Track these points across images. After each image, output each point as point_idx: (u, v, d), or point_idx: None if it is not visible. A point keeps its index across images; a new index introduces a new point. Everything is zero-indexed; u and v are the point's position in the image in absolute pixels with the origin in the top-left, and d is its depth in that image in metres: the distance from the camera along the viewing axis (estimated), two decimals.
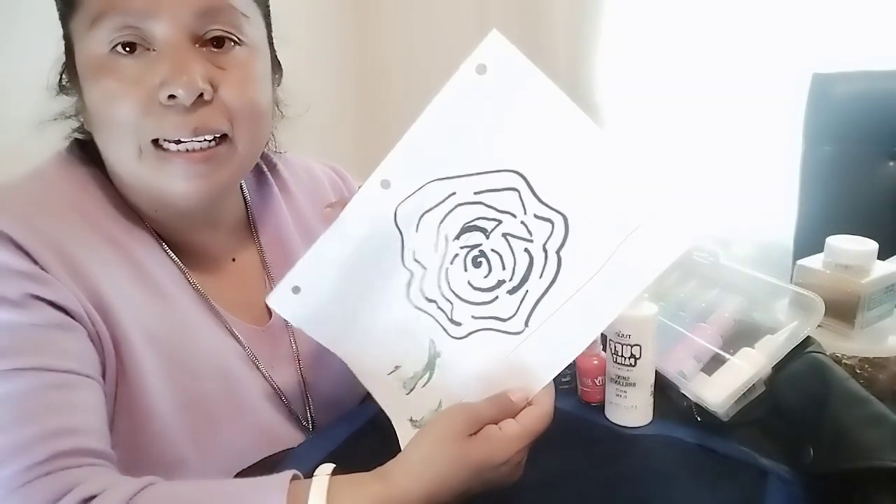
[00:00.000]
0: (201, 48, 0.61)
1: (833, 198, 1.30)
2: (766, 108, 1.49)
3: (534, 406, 0.56)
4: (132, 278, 0.63)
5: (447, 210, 0.59)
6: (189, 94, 0.59)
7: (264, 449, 0.67)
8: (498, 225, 0.58)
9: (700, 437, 0.65)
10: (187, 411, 0.64)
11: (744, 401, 0.66)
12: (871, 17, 1.36)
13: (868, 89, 1.28)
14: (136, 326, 0.61)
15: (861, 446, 0.56)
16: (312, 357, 0.75)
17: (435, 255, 0.61)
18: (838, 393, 0.61)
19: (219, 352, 0.68)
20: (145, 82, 0.59)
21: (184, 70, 0.59)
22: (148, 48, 0.60)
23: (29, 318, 0.55)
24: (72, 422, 0.53)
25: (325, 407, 0.75)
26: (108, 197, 0.66)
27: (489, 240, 0.58)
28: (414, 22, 1.92)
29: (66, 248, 0.59)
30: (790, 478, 0.60)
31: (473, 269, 0.59)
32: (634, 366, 0.66)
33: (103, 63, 0.60)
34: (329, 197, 0.85)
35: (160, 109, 0.59)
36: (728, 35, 1.50)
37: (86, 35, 0.60)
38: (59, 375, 0.54)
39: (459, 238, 0.60)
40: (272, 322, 0.74)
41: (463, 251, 0.60)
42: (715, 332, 0.71)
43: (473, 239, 0.59)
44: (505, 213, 0.58)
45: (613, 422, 0.69)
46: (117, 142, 0.61)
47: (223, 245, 0.74)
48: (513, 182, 0.57)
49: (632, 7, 1.61)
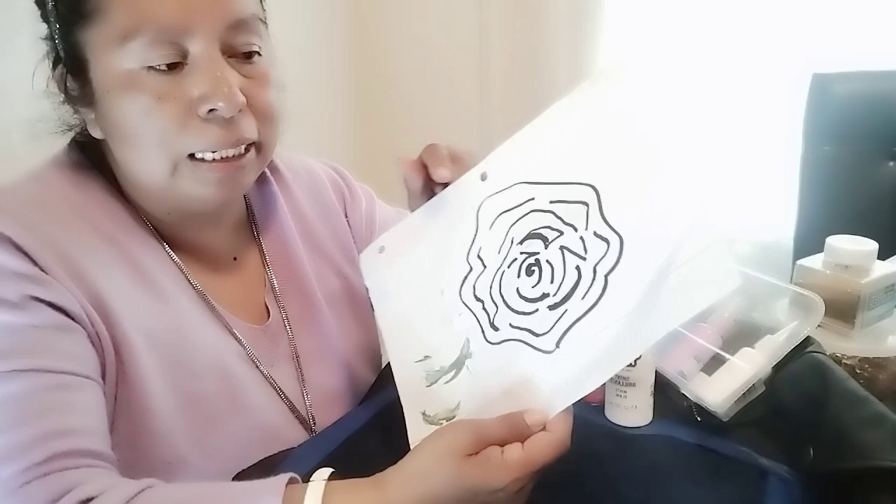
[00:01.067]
0: (230, 59, 0.62)
1: (833, 198, 1.30)
2: (765, 107, 1.49)
3: (545, 433, 0.52)
4: (131, 279, 0.63)
5: (522, 214, 0.60)
6: (231, 107, 0.60)
7: (265, 447, 0.67)
8: (559, 236, 0.57)
9: (700, 437, 0.65)
10: (187, 410, 0.64)
11: (744, 401, 0.66)
12: (871, 17, 1.36)
13: (868, 89, 1.28)
14: (135, 327, 0.62)
15: (861, 446, 0.56)
16: (310, 355, 0.76)
17: (497, 256, 0.61)
18: (838, 393, 0.61)
19: (218, 351, 0.68)
20: (180, 97, 0.59)
21: (224, 83, 0.59)
22: (181, 63, 0.60)
23: (28, 320, 0.55)
24: (71, 423, 0.53)
25: (325, 405, 0.75)
26: (110, 199, 0.66)
27: (547, 250, 0.58)
28: (413, 22, 1.92)
29: (67, 250, 0.59)
30: (790, 478, 0.60)
31: (526, 276, 0.58)
32: (634, 366, 0.66)
33: (134, 78, 0.59)
34: (330, 196, 0.85)
35: (199, 123, 0.60)
36: (728, 35, 1.50)
37: (113, 50, 0.59)
38: (58, 377, 0.54)
39: (523, 243, 0.59)
40: (271, 321, 0.74)
41: (521, 257, 0.59)
42: (715, 332, 0.71)
43: (534, 246, 0.58)
44: (569, 225, 0.57)
45: (613, 422, 0.69)
46: (147, 156, 0.61)
47: (225, 244, 0.74)
48: (586, 196, 0.57)
49: (632, 7, 1.61)
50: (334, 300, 0.80)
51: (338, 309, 0.80)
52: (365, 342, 0.83)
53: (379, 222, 0.88)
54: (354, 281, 0.83)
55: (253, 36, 0.63)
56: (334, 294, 0.80)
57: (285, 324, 0.75)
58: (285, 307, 0.75)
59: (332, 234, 0.83)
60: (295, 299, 0.76)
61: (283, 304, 0.75)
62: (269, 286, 0.76)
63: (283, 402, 0.72)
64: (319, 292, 0.78)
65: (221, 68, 0.60)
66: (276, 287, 0.76)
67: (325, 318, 0.78)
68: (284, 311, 0.75)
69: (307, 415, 0.74)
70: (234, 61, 0.62)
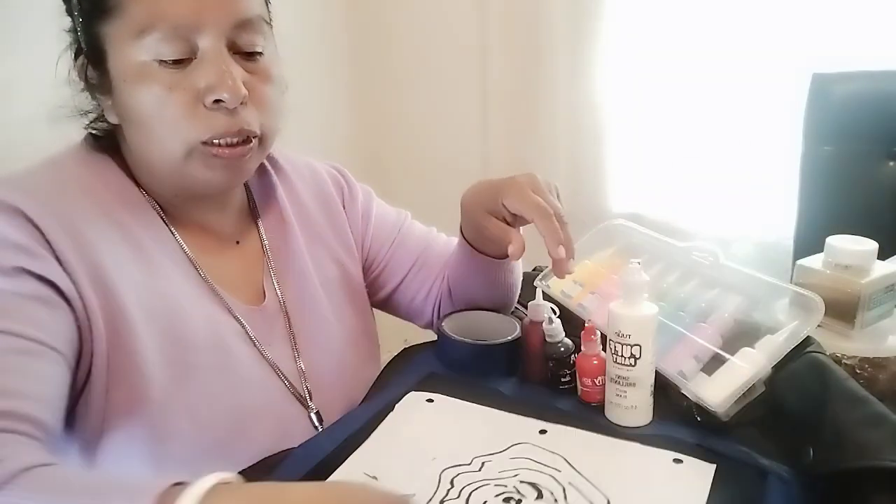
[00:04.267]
0: (235, 55, 0.67)
1: (833, 198, 1.30)
2: (766, 108, 1.49)
3: None
4: (133, 256, 0.68)
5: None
6: (234, 98, 0.65)
7: (260, 423, 0.71)
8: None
9: (700, 437, 0.65)
10: (182, 382, 0.67)
11: (744, 401, 0.66)
12: (871, 17, 1.36)
13: (868, 89, 1.28)
14: (133, 299, 0.65)
15: (861, 446, 0.56)
16: (307, 337, 0.78)
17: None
18: (838, 393, 0.61)
19: (215, 327, 0.70)
20: (189, 87, 0.65)
21: (228, 76, 0.65)
22: (190, 56, 0.65)
23: (13, 287, 0.58)
24: (21, 386, 0.55)
25: (321, 385, 0.77)
26: (121, 181, 0.71)
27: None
28: (414, 22, 1.93)
29: (74, 224, 0.64)
30: (790, 478, 0.60)
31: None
32: (634, 366, 0.66)
33: (148, 69, 0.64)
34: (329, 189, 0.88)
35: (205, 112, 0.65)
36: (728, 35, 1.50)
37: (130, 43, 0.64)
38: (24, 342, 0.57)
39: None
40: (267, 302, 0.77)
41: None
42: (715, 332, 0.71)
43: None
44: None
45: (613, 422, 0.69)
46: (163, 141, 0.66)
47: (229, 227, 0.78)
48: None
49: (632, 7, 1.61)
50: (331, 286, 0.83)
51: (334, 294, 0.83)
52: (362, 328, 0.86)
53: (375, 218, 0.91)
54: (351, 269, 0.86)
55: (257, 36, 0.68)
56: (331, 280, 0.83)
57: (282, 306, 0.78)
58: (283, 290, 0.78)
59: (331, 224, 0.86)
60: (292, 283, 0.79)
61: (281, 287, 0.78)
62: (268, 269, 0.79)
63: (280, 380, 0.74)
64: (316, 277, 0.81)
65: (227, 63, 0.65)
66: (273, 270, 0.79)
67: (321, 303, 0.81)
68: (282, 293, 0.78)
69: (304, 392, 0.76)
70: (238, 58, 0.67)
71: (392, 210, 0.94)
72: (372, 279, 0.91)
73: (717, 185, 1.60)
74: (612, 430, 0.67)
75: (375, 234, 0.90)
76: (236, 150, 0.67)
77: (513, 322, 0.82)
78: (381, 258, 0.90)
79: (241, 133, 0.67)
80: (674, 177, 1.65)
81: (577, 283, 0.87)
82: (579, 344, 0.72)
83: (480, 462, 0.61)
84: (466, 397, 0.72)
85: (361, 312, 0.87)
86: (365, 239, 0.89)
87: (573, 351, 0.74)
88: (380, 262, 0.90)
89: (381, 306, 0.94)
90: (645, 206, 1.70)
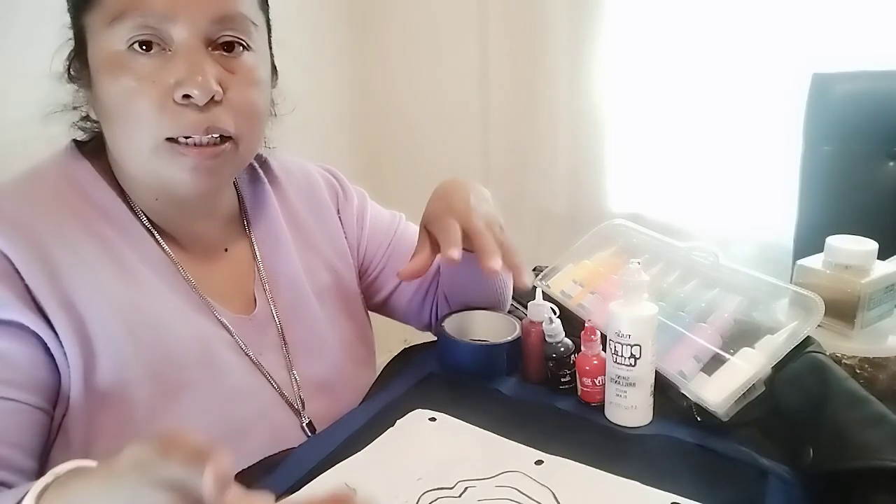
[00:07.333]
0: (213, 51, 0.65)
1: (833, 198, 1.30)
2: (766, 108, 1.49)
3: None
4: (116, 274, 0.66)
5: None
6: (203, 94, 0.62)
7: (253, 431, 0.69)
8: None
9: (700, 437, 0.65)
10: (173, 398, 0.65)
11: (744, 401, 0.66)
12: (871, 17, 1.36)
13: (868, 89, 1.28)
14: (114, 321, 0.63)
15: (861, 446, 0.56)
16: (299, 346, 0.77)
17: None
18: (838, 393, 0.61)
19: (202, 338, 0.69)
20: (160, 81, 0.62)
21: (199, 72, 0.62)
22: (164, 48, 0.63)
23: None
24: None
25: (314, 393, 0.76)
26: (103, 191, 0.68)
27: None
28: (413, 23, 1.93)
29: (49, 250, 0.62)
30: (790, 478, 0.60)
31: None
32: (634, 366, 0.66)
33: (120, 59, 0.62)
34: (323, 194, 0.87)
35: (174, 107, 0.62)
36: (728, 35, 1.50)
37: (104, 31, 0.62)
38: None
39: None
40: (257, 311, 0.75)
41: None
42: (715, 332, 0.71)
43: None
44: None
45: (613, 422, 0.69)
46: (131, 136, 0.64)
47: (217, 235, 0.77)
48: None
49: (632, 8, 1.61)
50: (324, 294, 0.82)
51: (328, 302, 0.82)
52: (356, 335, 0.85)
53: (370, 222, 0.90)
54: (345, 276, 0.85)
55: (237, 31, 0.65)
56: (324, 288, 0.82)
57: (273, 314, 0.76)
58: (273, 298, 0.77)
59: (324, 232, 0.85)
60: (283, 291, 0.78)
61: (272, 295, 0.77)
62: (258, 278, 0.77)
63: (273, 388, 0.73)
64: (309, 285, 0.80)
65: (200, 58, 0.63)
66: (264, 279, 0.77)
67: (314, 311, 0.80)
68: (273, 301, 0.77)
69: (296, 400, 0.75)
70: (216, 54, 0.65)
71: (386, 212, 0.93)
72: (368, 283, 0.90)
73: (717, 186, 1.60)
74: (613, 433, 0.67)
75: (371, 237, 0.89)
76: (206, 150, 0.64)
77: (513, 322, 0.82)
78: (377, 262, 0.90)
79: (209, 131, 0.63)
80: (674, 177, 1.65)
81: (577, 283, 0.87)
82: (579, 344, 0.72)
83: (464, 487, 0.60)
84: (468, 409, 0.70)
85: (356, 319, 0.86)
86: (360, 243, 0.89)
87: (573, 351, 0.74)
88: (376, 266, 0.90)
89: (378, 310, 0.93)
90: (645, 206, 1.70)
